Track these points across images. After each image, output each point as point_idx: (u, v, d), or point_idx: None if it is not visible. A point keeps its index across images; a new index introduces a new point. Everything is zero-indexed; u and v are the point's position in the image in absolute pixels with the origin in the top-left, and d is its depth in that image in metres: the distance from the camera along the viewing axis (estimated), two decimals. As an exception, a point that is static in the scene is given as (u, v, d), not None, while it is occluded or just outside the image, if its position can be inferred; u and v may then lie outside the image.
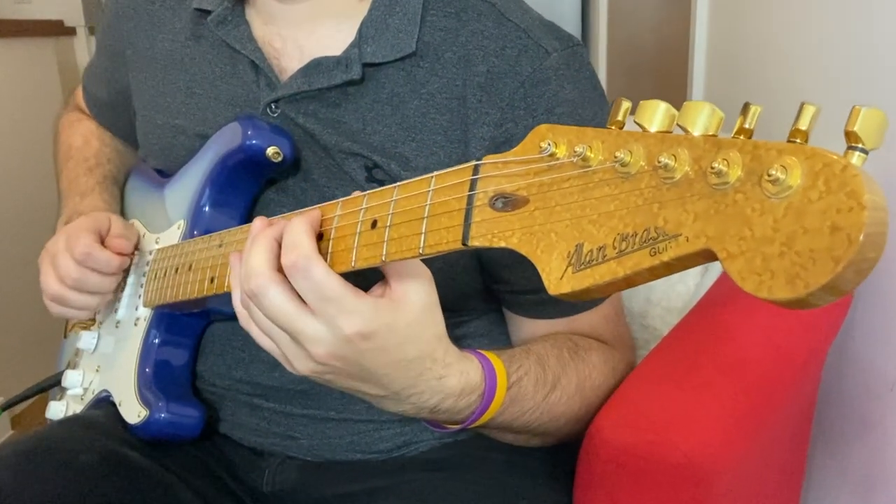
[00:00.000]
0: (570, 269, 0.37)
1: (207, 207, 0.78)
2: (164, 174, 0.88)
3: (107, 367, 0.85)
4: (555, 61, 0.68)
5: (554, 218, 0.39)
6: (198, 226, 0.79)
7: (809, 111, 0.31)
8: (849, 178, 0.27)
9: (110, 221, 0.84)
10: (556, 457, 0.76)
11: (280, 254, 0.53)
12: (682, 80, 1.57)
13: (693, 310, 0.83)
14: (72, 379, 0.87)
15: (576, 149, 0.38)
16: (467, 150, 0.69)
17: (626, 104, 0.38)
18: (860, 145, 0.29)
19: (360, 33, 0.70)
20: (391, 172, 0.70)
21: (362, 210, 0.52)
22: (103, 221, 0.83)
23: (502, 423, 0.65)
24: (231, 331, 0.80)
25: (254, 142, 0.71)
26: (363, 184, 0.71)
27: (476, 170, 0.44)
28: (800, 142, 0.31)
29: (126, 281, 0.86)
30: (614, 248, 0.35)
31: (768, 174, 0.29)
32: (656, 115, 0.36)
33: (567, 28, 0.73)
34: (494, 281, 0.75)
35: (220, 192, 0.77)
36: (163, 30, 0.83)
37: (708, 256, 0.32)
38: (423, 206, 0.47)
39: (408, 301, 0.53)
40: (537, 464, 0.75)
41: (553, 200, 0.39)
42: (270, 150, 0.71)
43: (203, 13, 0.78)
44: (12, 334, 2.03)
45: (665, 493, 0.63)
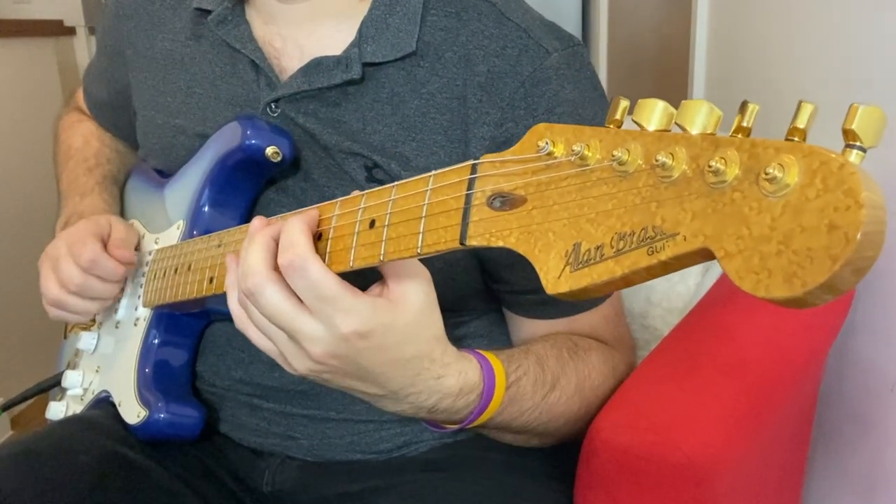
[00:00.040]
0: (567, 268, 0.37)
1: (207, 207, 0.78)
2: (164, 174, 0.88)
3: (106, 367, 0.85)
4: (555, 61, 0.68)
5: (552, 217, 0.39)
6: (197, 226, 0.78)
7: (807, 109, 0.31)
8: (846, 175, 0.27)
9: (111, 225, 0.84)
10: (556, 457, 0.76)
11: (278, 253, 0.53)
12: (683, 79, 1.57)
13: (693, 310, 0.83)
14: (72, 379, 0.87)
15: (573, 148, 0.38)
16: (467, 150, 0.69)
17: (624, 103, 0.38)
18: (858, 143, 0.29)
19: (360, 33, 0.70)
20: (391, 172, 0.70)
21: (360, 210, 0.52)
22: (104, 225, 0.83)
23: (501, 423, 0.65)
24: (231, 331, 0.79)
25: (253, 141, 0.71)
26: (363, 184, 0.71)
27: (474, 169, 0.44)
28: (797, 140, 0.30)
29: (126, 281, 0.86)
30: (612, 247, 0.35)
31: (766, 172, 0.29)
32: (654, 113, 0.35)
33: (567, 27, 0.73)
34: (494, 281, 0.75)
35: (220, 192, 0.77)
36: (163, 29, 0.83)
37: (705, 255, 0.32)
38: (421, 206, 0.47)
39: (406, 301, 0.53)
40: (537, 464, 0.75)
41: (551, 199, 0.39)
42: (270, 150, 0.71)
43: (203, 13, 0.78)
44: (12, 334, 2.03)
45: (666, 494, 0.63)
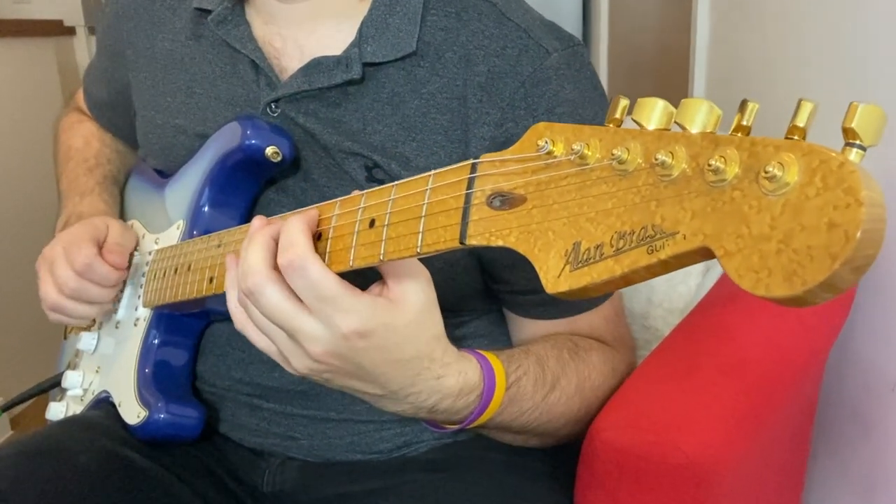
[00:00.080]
0: (567, 267, 0.37)
1: (207, 207, 0.78)
2: (164, 174, 0.88)
3: (106, 367, 0.85)
4: (555, 61, 0.68)
5: (551, 216, 0.38)
6: (197, 226, 0.78)
7: (807, 108, 0.31)
8: (846, 174, 0.27)
9: (108, 228, 0.83)
10: (557, 457, 0.76)
11: (277, 253, 0.53)
12: (683, 79, 1.57)
13: (694, 310, 0.83)
14: (72, 380, 0.87)
15: (573, 147, 0.38)
16: (468, 150, 0.69)
17: (623, 102, 0.38)
18: (858, 142, 0.29)
19: (360, 33, 0.70)
20: (391, 172, 0.70)
21: (360, 209, 0.52)
22: (101, 228, 0.83)
23: (501, 423, 0.64)
24: (231, 331, 0.79)
25: (253, 141, 0.71)
26: (363, 184, 0.71)
27: (473, 168, 0.44)
28: (797, 138, 0.30)
29: (125, 282, 0.86)
30: (612, 246, 0.35)
31: (765, 171, 0.29)
32: (654, 112, 0.35)
33: (568, 27, 0.73)
34: (494, 281, 0.75)
35: (220, 192, 0.77)
36: (163, 29, 0.83)
37: (705, 254, 0.32)
38: (421, 205, 0.47)
39: (406, 301, 0.53)
40: (537, 464, 0.75)
41: (550, 199, 0.39)
42: (269, 150, 0.71)
43: (203, 13, 0.78)
44: (12, 335, 2.03)
45: (666, 494, 0.63)
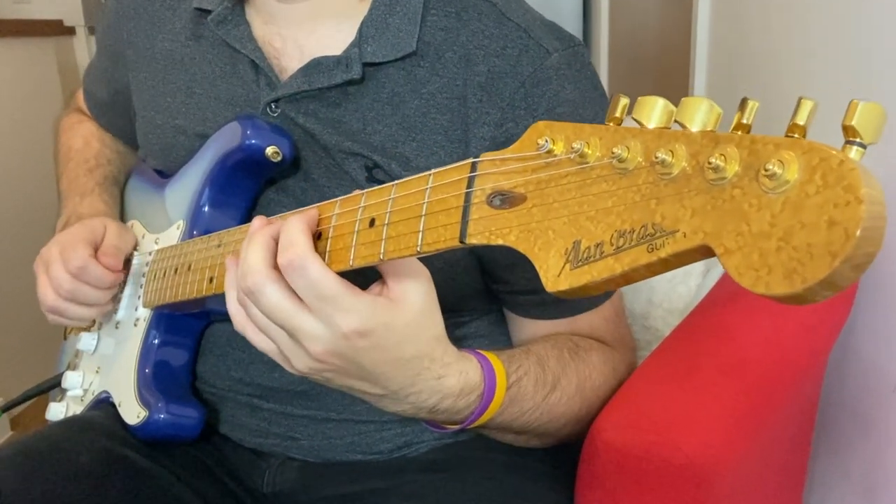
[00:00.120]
0: (567, 266, 0.37)
1: (207, 207, 0.78)
2: (164, 174, 0.88)
3: (106, 368, 0.85)
4: (555, 61, 0.68)
5: (551, 215, 0.38)
6: (197, 226, 0.78)
7: (807, 106, 0.31)
8: (846, 172, 0.27)
9: (105, 229, 0.83)
10: (557, 457, 0.76)
11: (277, 252, 0.53)
12: (684, 77, 1.57)
13: (694, 311, 0.82)
14: (72, 380, 0.87)
15: (573, 145, 0.38)
16: (468, 150, 0.69)
17: (623, 100, 0.38)
18: (858, 140, 0.29)
19: (360, 33, 0.70)
20: (391, 172, 0.70)
21: (360, 209, 0.52)
22: (98, 230, 0.83)
23: (502, 423, 0.64)
24: (231, 331, 0.79)
25: (253, 141, 0.71)
26: (363, 184, 0.71)
27: (474, 167, 0.44)
28: (797, 137, 0.30)
29: (125, 282, 0.86)
30: (612, 244, 0.35)
31: (765, 169, 0.29)
32: (654, 111, 0.35)
33: (568, 26, 0.73)
34: (494, 281, 0.75)
35: (220, 192, 0.77)
36: (163, 29, 0.83)
37: (705, 252, 0.32)
38: (421, 204, 0.47)
39: (406, 300, 0.53)
40: (538, 464, 0.75)
41: (550, 197, 0.39)
42: (270, 150, 0.71)
43: (203, 13, 0.78)
44: (12, 335, 2.03)
45: (666, 494, 0.63)
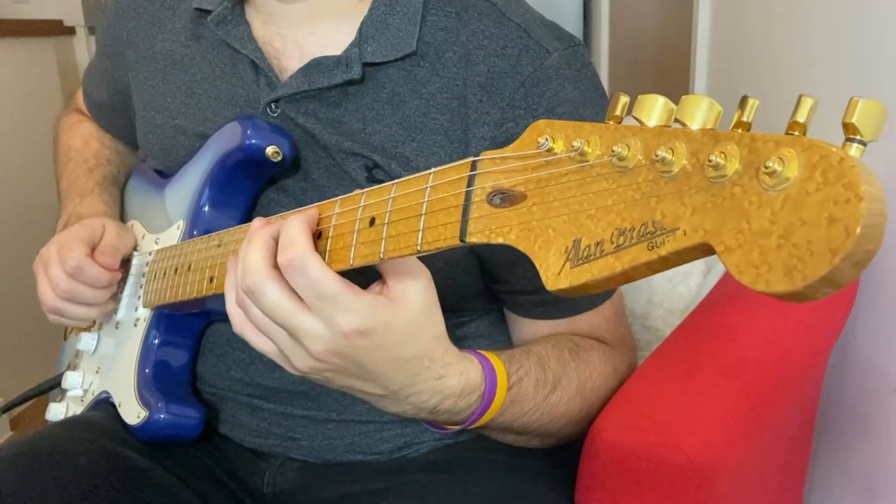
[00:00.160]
0: (567, 264, 0.37)
1: (207, 207, 0.78)
2: (164, 174, 0.88)
3: (107, 368, 0.85)
4: (556, 61, 0.68)
5: (552, 213, 0.38)
6: (197, 226, 0.78)
7: (807, 104, 0.31)
8: (846, 169, 0.27)
9: (104, 229, 0.83)
10: (558, 458, 0.75)
11: (277, 252, 0.53)
12: (684, 77, 1.57)
13: (695, 311, 0.83)
14: (72, 380, 0.87)
15: (573, 143, 0.38)
16: (468, 150, 0.69)
17: (623, 99, 0.38)
18: (858, 137, 0.29)
19: (360, 33, 0.70)
20: (391, 172, 0.70)
21: (360, 208, 0.52)
22: (97, 229, 0.83)
23: (502, 423, 0.64)
24: (231, 332, 0.78)
25: (253, 141, 0.71)
26: (363, 184, 0.71)
27: (474, 166, 0.44)
28: (797, 134, 0.30)
29: (126, 282, 0.86)
30: (612, 242, 0.35)
31: (765, 166, 0.29)
32: (654, 109, 0.35)
33: (568, 26, 0.73)
34: (495, 281, 0.75)
35: (220, 191, 0.77)
36: (163, 29, 0.83)
37: (706, 250, 0.32)
38: (421, 203, 0.47)
39: (406, 299, 0.53)
40: (538, 465, 0.75)
41: (551, 196, 0.39)
42: (270, 150, 0.71)
43: (203, 13, 0.78)
44: (12, 335, 2.03)
45: (667, 494, 0.63)
